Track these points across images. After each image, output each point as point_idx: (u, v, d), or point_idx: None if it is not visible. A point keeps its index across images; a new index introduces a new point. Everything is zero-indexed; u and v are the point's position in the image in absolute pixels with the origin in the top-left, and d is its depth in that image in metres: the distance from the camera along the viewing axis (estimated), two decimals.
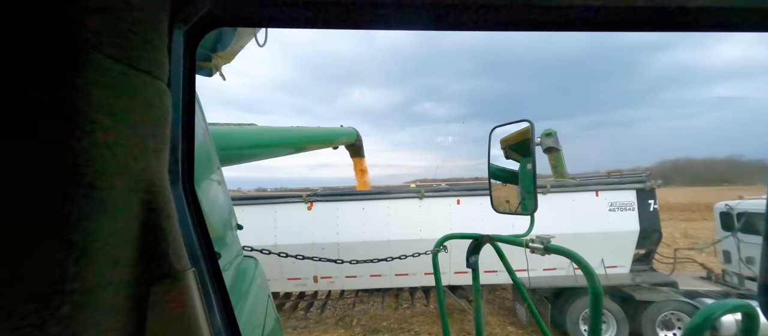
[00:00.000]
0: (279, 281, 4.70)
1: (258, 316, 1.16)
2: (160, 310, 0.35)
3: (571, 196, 4.47)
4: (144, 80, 0.35)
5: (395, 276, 4.67)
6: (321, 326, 5.39)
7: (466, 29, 0.50)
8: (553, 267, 4.61)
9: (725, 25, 0.49)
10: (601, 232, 4.42)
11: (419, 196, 4.48)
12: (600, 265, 4.55)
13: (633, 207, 4.42)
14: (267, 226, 4.46)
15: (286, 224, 4.46)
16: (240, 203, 4.55)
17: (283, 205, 4.51)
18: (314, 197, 4.51)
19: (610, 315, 4.37)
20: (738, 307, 0.92)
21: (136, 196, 0.34)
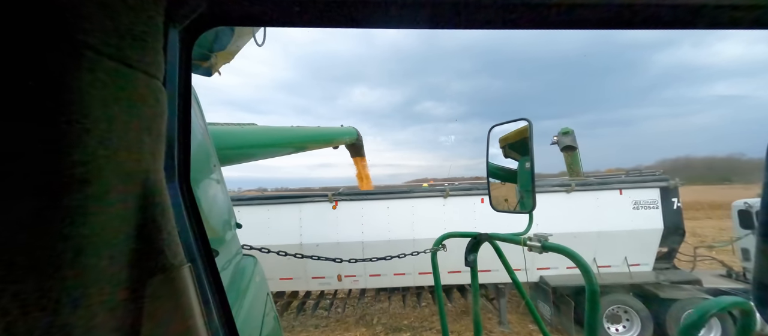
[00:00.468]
0: (303, 280, 4.71)
1: (257, 314, 1.17)
2: (155, 304, 0.36)
3: (595, 194, 4.49)
4: (139, 78, 0.35)
5: (418, 274, 4.69)
6: (342, 325, 5.40)
7: (466, 28, 0.50)
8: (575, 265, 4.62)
9: (726, 22, 0.49)
10: (625, 231, 4.44)
11: (444, 194, 4.49)
12: (623, 263, 4.57)
13: (657, 205, 4.45)
14: (292, 225, 4.47)
15: (311, 223, 4.47)
16: (265, 202, 4.56)
17: (308, 204, 4.52)
18: (339, 196, 4.52)
19: (634, 313, 4.39)
20: (734, 304, 0.93)
21: (131, 193, 0.35)
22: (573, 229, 4.44)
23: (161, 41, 0.39)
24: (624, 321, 4.51)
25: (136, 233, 0.35)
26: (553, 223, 4.45)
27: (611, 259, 4.58)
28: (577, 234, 4.45)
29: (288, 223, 4.47)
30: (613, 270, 4.60)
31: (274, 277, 4.66)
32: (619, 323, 4.51)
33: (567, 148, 6.09)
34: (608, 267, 4.59)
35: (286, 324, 5.48)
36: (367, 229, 4.45)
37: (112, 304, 0.32)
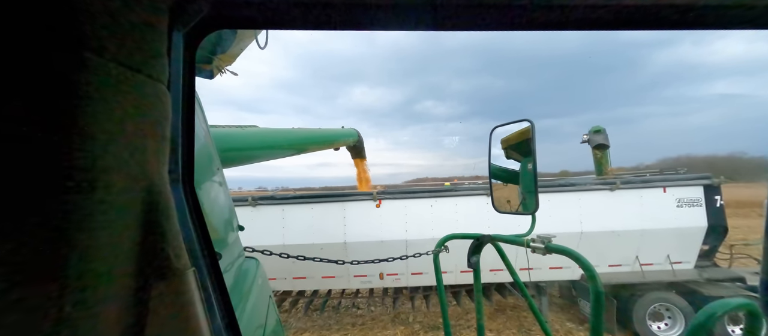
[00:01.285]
0: (345, 278, 4.71)
1: (259, 316, 1.17)
2: (160, 309, 0.36)
3: (639, 192, 4.50)
4: (144, 82, 0.35)
5: (460, 273, 4.69)
6: (378, 323, 5.41)
7: (466, 29, 0.50)
8: (618, 263, 4.64)
9: (726, 22, 0.49)
10: (668, 229, 4.44)
11: (486, 193, 4.49)
12: (665, 261, 4.58)
13: (700, 203, 4.45)
14: (336, 224, 4.47)
15: (355, 222, 4.47)
16: (310, 201, 4.55)
17: (351, 203, 4.52)
18: (383, 195, 4.52)
19: (678, 310, 4.41)
20: (741, 306, 0.92)
21: (136, 197, 0.35)
22: (616, 228, 4.45)
23: (165, 44, 0.39)
24: (666, 319, 4.52)
25: (140, 238, 0.35)
26: (596, 221, 4.46)
27: (653, 257, 4.59)
28: (620, 232, 4.45)
29: (332, 222, 4.47)
30: (655, 268, 4.61)
31: (316, 276, 4.66)
32: (662, 321, 4.52)
33: (599, 146, 6.10)
34: (650, 265, 4.60)
35: (322, 323, 5.49)
36: (411, 227, 4.45)
37: (117, 309, 0.32)
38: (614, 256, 4.60)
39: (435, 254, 1.89)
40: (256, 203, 4.46)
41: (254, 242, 4.38)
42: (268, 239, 4.41)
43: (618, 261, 4.63)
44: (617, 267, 4.66)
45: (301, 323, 5.53)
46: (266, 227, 4.44)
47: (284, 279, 4.74)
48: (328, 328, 5.29)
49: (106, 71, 0.30)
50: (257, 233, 4.43)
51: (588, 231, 4.42)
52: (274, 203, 4.50)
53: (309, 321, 5.59)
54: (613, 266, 4.66)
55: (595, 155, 6.35)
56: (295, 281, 4.78)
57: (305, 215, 4.49)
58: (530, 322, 5.22)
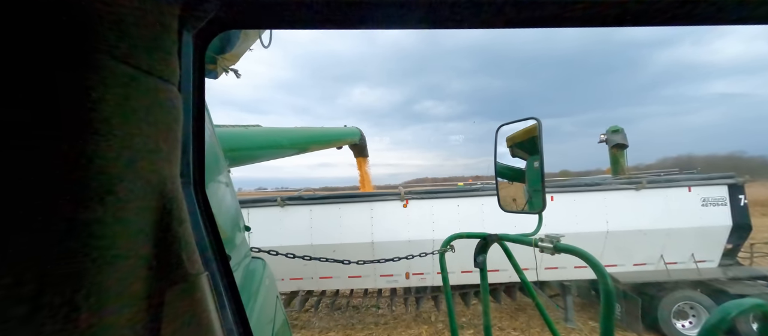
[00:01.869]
0: (372, 277, 4.74)
1: (267, 316, 1.17)
2: (174, 314, 0.36)
3: (665, 191, 4.53)
4: (155, 84, 0.35)
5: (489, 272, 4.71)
6: (401, 322, 5.44)
7: (466, 27, 0.50)
8: (642, 262, 4.67)
9: (726, 17, 0.48)
10: (693, 228, 4.48)
11: None
12: (690, 260, 4.61)
13: (725, 202, 4.49)
14: (364, 223, 4.50)
15: (383, 221, 4.50)
16: (337, 201, 4.58)
17: (379, 203, 4.55)
18: (411, 195, 4.55)
19: (703, 308, 4.44)
20: (755, 306, 0.90)
21: (149, 201, 0.34)
22: (642, 227, 4.48)
23: (176, 46, 0.39)
24: (690, 317, 4.56)
25: (154, 243, 0.35)
26: (622, 221, 4.49)
27: (678, 255, 4.62)
28: (646, 231, 4.49)
29: (359, 222, 4.49)
30: (679, 266, 4.64)
31: (343, 275, 4.70)
32: (686, 319, 4.56)
33: (618, 145, 6.12)
34: (674, 263, 4.63)
35: (345, 322, 5.52)
36: (438, 226, 4.48)
37: (131, 315, 0.32)
38: (639, 255, 4.63)
39: (441, 254, 1.88)
40: (284, 204, 4.49)
41: (283, 242, 4.43)
42: (296, 239, 4.45)
43: (643, 260, 4.67)
44: (642, 266, 4.69)
45: (324, 323, 5.57)
46: (294, 227, 4.47)
47: (310, 278, 4.77)
48: (352, 328, 5.32)
49: (120, 74, 0.30)
50: (286, 233, 4.46)
51: (614, 230, 4.46)
52: (302, 204, 4.53)
53: (331, 320, 5.62)
54: (637, 265, 4.69)
55: (612, 155, 6.37)
56: (321, 281, 4.82)
57: (332, 215, 4.52)
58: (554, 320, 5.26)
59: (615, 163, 6.44)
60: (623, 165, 6.41)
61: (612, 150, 6.30)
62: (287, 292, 5.41)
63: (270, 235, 4.45)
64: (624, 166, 6.41)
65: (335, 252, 4.29)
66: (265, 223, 4.47)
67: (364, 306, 5.85)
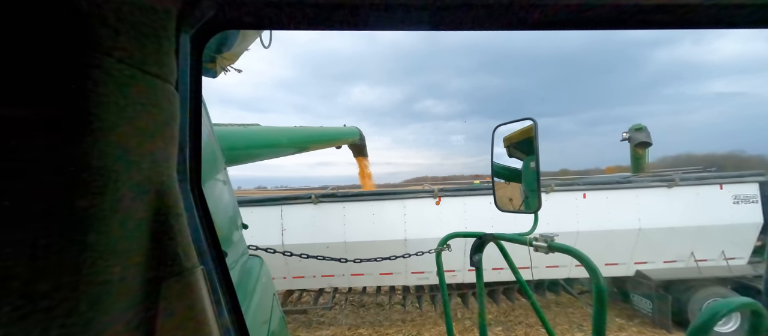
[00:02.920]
0: (403, 275, 4.76)
1: (264, 313, 1.18)
2: (170, 307, 0.36)
3: (696, 189, 4.55)
4: (153, 83, 0.36)
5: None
6: (428, 319, 5.46)
7: (466, 29, 0.51)
8: (672, 259, 4.70)
9: (725, 21, 0.49)
10: (724, 225, 4.50)
11: (546, 190, 4.54)
12: (720, 257, 4.64)
13: (756, 199, 4.51)
14: (396, 221, 4.51)
15: (414, 219, 4.52)
16: (369, 199, 4.60)
17: (411, 200, 4.56)
18: (443, 193, 4.56)
19: None
20: (744, 305, 0.92)
21: (146, 197, 0.35)
22: (674, 224, 4.50)
23: (173, 46, 0.40)
24: None
25: (150, 238, 0.35)
26: (654, 218, 4.51)
27: (708, 252, 4.65)
28: (678, 229, 4.51)
29: (391, 219, 4.51)
30: (709, 264, 4.67)
31: (374, 272, 4.72)
32: None
33: (642, 144, 6.14)
34: (704, 261, 4.66)
35: (372, 319, 5.54)
36: (471, 223, 4.50)
37: (127, 309, 0.32)
38: (670, 253, 4.66)
39: (437, 253, 1.88)
40: (318, 201, 4.50)
41: (316, 240, 4.45)
42: (330, 236, 4.46)
43: (673, 257, 4.70)
44: (672, 263, 4.72)
45: (350, 320, 5.58)
46: (328, 225, 4.49)
47: (342, 276, 4.79)
48: (380, 325, 5.34)
49: (116, 72, 0.31)
50: (319, 231, 4.48)
51: (646, 227, 4.48)
52: (336, 201, 4.55)
53: (358, 317, 5.64)
54: (667, 262, 4.72)
55: (635, 153, 6.39)
56: (352, 278, 4.83)
57: (365, 213, 4.54)
58: (580, 318, 5.29)
59: (637, 161, 6.46)
60: (645, 163, 6.43)
61: (635, 148, 6.32)
62: (315, 289, 5.44)
63: (303, 233, 4.47)
64: (645, 164, 6.44)
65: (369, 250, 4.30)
66: (299, 220, 4.48)
67: (388, 303, 5.86)
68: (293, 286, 5.01)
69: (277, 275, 4.76)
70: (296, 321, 5.56)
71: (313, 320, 5.56)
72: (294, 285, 4.96)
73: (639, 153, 6.34)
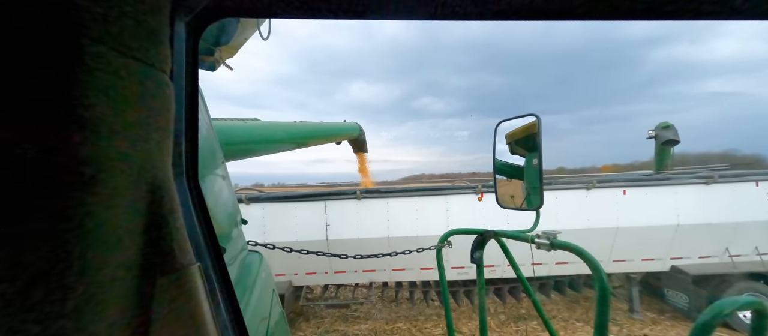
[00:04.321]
0: None
1: (263, 309, 1.17)
2: (165, 304, 0.36)
3: (733, 186, 4.64)
4: (146, 72, 0.34)
5: (555, 264, 4.82)
6: (463, 314, 5.53)
7: (467, 18, 0.49)
8: (707, 254, 4.79)
9: (728, 12, 0.47)
10: (760, 221, 4.60)
11: (587, 187, 4.60)
12: (753, 252, 4.74)
13: None
14: (439, 217, 4.56)
15: (458, 214, 4.56)
16: (412, 194, 4.63)
17: (454, 196, 4.60)
18: (486, 188, 4.61)
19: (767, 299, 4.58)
20: (748, 304, 0.91)
21: (140, 191, 0.34)
22: (710, 220, 4.59)
23: (168, 33, 0.38)
24: None
25: (144, 232, 0.34)
26: (691, 215, 4.60)
27: (742, 248, 4.74)
28: (714, 225, 4.60)
29: (434, 215, 4.55)
30: (742, 259, 4.77)
31: (415, 267, 4.77)
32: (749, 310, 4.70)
33: (669, 142, 6.22)
34: (738, 256, 4.76)
35: (406, 313, 5.60)
36: (512, 220, 4.55)
37: (121, 304, 0.32)
38: (705, 248, 4.75)
39: (438, 249, 1.87)
40: (362, 196, 4.53)
41: (360, 235, 4.48)
42: (374, 232, 4.50)
43: (708, 252, 4.79)
44: (706, 258, 4.82)
45: (384, 314, 5.63)
46: (371, 220, 4.52)
47: (383, 271, 4.83)
48: (415, 319, 5.39)
49: (107, 60, 0.29)
50: (363, 226, 4.51)
51: (684, 223, 4.56)
52: (379, 196, 4.58)
53: (392, 312, 5.69)
54: (702, 257, 4.81)
55: (660, 150, 6.47)
56: (393, 273, 4.88)
57: (409, 208, 4.57)
58: (612, 312, 5.38)
59: (661, 158, 6.54)
60: (669, 161, 6.52)
61: (661, 146, 6.39)
62: (352, 284, 5.48)
63: (347, 227, 4.50)
64: (669, 162, 6.53)
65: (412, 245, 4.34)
66: (343, 216, 4.51)
67: (418, 298, 5.91)
68: (334, 281, 5.04)
69: (318, 271, 4.80)
70: (331, 316, 5.60)
71: (349, 315, 5.61)
72: (335, 280, 4.99)
73: (664, 151, 6.42)
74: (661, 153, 6.51)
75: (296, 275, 4.80)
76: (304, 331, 5.04)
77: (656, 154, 6.64)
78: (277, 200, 4.52)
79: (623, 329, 4.85)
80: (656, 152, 6.63)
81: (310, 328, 5.16)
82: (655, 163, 6.74)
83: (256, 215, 4.47)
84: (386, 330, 5.06)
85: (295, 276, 4.79)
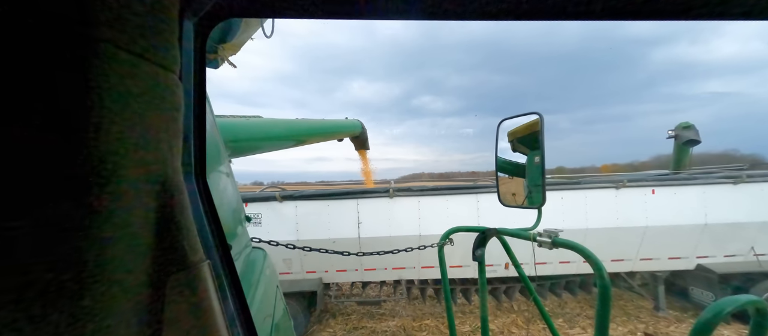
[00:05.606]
0: (471, 268, 4.86)
1: (268, 305, 1.19)
2: (176, 301, 0.36)
3: (760, 186, 4.69)
4: (156, 72, 0.35)
5: (582, 262, 4.86)
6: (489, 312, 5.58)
7: (467, 19, 0.50)
8: (733, 253, 4.85)
9: (728, 12, 0.47)
10: None
11: (616, 186, 4.65)
12: None
13: None
14: (470, 215, 4.60)
15: (489, 213, 4.61)
16: (444, 193, 4.66)
17: (485, 195, 4.64)
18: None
19: None
20: (749, 302, 0.90)
21: (151, 190, 0.34)
22: (738, 219, 4.65)
23: (176, 33, 0.39)
24: None
25: (155, 231, 0.35)
26: (719, 214, 4.65)
27: (766, 247, 4.80)
28: (742, 224, 4.66)
29: (466, 213, 4.60)
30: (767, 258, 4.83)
31: None
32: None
33: (690, 142, 6.27)
34: (763, 255, 4.82)
35: (430, 310, 5.65)
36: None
37: (134, 302, 0.32)
38: (731, 247, 4.81)
39: (440, 247, 1.88)
40: (394, 194, 4.56)
41: (392, 233, 4.51)
42: (406, 230, 4.53)
43: (733, 251, 4.85)
44: (731, 257, 4.88)
45: (408, 311, 5.69)
46: (403, 218, 4.56)
47: (412, 268, 4.88)
48: (441, 316, 5.45)
49: (120, 61, 0.30)
50: (394, 224, 4.55)
51: (712, 223, 4.62)
52: (411, 195, 4.61)
53: (416, 309, 5.74)
54: (728, 256, 4.87)
55: (679, 150, 6.52)
56: (423, 271, 4.92)
57: (440, 207, 4.61)
58: (634, 309, 5.45)
59: (680, 158, 6.59)
60: (687, 161, 6.58)
61: (681, 146, 6.45)
62: (377, 281, 5.51)
63: (379, 225, 4.54)
64: (687, 162, 6.58)
65: None
66: (375, 214, 4.54)
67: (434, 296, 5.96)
68: (363, 278, 5.09)
69: (349, 268, 4.84)
70: (358, 313, 5.65)
71: (375, 312, 5.65)
72: (365, 277, 5.04)
73: (683, 150, 6.48)
74: (681, 153, 6.56)
75: (327, 272, 4.83)
76: (334, 328, 5.09)
77: (675, 154, 6.69)
78: (310, 198, 4.55)
79: (649, 327, 4.92)
80: (675, 152, 6.68)
81: (339, 324, 5.21)
82: (672, 162, 6.79)
83: (289, 213, 4.50)
84: (414, 326, 5.12)
85: (325, 273, 4.83)
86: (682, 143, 6.37)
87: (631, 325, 5.03)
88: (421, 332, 5.00)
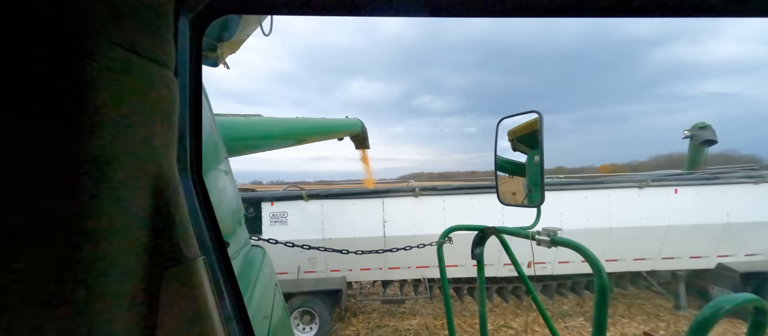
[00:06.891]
0: (495, 267, 4.89)
1: (266, 303, 1.19)
2: (171, 298, 0.36)
3: None
4: (151, 68, 0.35)
5: (606, 261, 4.90)
6: (507, 311, 5.62)
7: (467, 15, 0.49)
8: (753, 252, 4.89)
9: (729, 9, 0.47)
10: None
11: (639, 185, 4.68)
12: None
13: None
14: (494, 214, 4.62)
15: (513, 213, 4.63)
16: (469, 192, 4.69)
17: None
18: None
19: None
20: (748, 301, 0.90)
21: (146, 186, 0.34)
22: (759, 219, 4.69)
23: (172, 29, 0.39)
24: None
25: (150, 226, 0.35)
26: (741, 213, 4.69)
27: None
28: (762, 223, 4.69)
29: (490, 212, 4.61)
30: None
31: (468, 264, 4.83)
32: None
33: (706, 142, 6.31)
34: None
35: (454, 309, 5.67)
36: (566, 218, 4.62)
37: (128, 298, 0.32)
38: (752, 246, 4.85)
39: (439, 245, 1.90)
40: (419, 194, 4.59)
41: (417, 232, 4.54)
42: (430, 229, 4.56)
43: (753, 251, 4.89)
44: (752, 256, 4.91)
45: (428, 310, 5.72)
46: (428, 217, 4.59)
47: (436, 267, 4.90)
48: (461, 315, 5.48)
49: (114, 57, 0.30)
50: (419, 222, 4.58)
51: (734, 222, 4.65)
52: (436, 194, 4.64)
53: (435, 308, 5.77)
54: (748, 255, 4.91)
55: (695, 150, 6.56)
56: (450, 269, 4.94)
57: (464, 206, 4.64)
58: (653, 308, 5.48)
59: (695, 158, 6.63)
60: (702, 161, 6.61)
61: (697, 146, 6.48)
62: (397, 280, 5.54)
63: (405, 224, 4.57)
64: (703, 162, 6.62)
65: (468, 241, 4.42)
66: (400, 213, 4.57)
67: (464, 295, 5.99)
68: (386, 277, 5.11)
69: (373, 267, 4.86)
70: (378, 311, 5.67)
71: (395, 311, 5.68)
72: (388, 276, 5.06)
73: (699, 150, 6.52)
74: (696, 153, 6.60)
75: (350, 271, 4.86)
76: (356, 326, 5.12)
77: (690, 154, 6.74)
78: (336, 197, 4.58)
79: (670, 326, 4.96)
80: (690, 152, 6.72)
81: (361, 323, 5.23)
82: (687, 162, 6.83)
83: (314, 212, 4.53)
84: (436, 325, 5.15)
85: (349, 272, 4.85)
86: (698, 143, 6.40)
87: (653, 323, 5.06)
88: (443, 330, 5.03)
